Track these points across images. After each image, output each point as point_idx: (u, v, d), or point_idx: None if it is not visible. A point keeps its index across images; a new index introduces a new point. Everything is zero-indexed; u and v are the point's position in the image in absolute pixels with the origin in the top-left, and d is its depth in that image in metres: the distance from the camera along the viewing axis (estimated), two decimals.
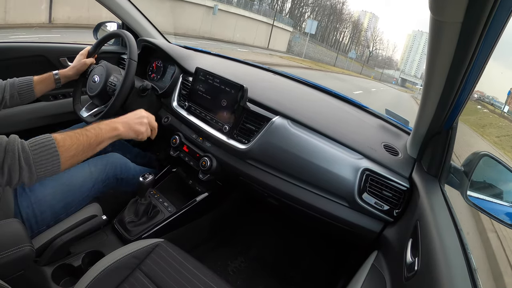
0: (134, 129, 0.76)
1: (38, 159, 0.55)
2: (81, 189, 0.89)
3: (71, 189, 0.86)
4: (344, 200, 0.82)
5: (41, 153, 0.56)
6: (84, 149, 0.63)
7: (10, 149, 0.52)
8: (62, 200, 0.84)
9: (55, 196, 0.82)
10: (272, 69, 1.47)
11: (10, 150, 0.52)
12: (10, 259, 0.58)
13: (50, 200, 0.81)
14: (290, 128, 0.89)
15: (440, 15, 0.45)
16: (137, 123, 0.77)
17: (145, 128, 0.79)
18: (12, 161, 0.52)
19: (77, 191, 0.87)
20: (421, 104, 0.70)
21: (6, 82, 0.88)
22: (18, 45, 1.18)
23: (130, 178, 1.05)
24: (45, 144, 0.57)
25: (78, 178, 0.89)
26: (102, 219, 0.92)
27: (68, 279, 0.83)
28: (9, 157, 0.52)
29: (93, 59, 1.10)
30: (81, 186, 0.89)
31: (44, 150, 0.56)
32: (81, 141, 0.63)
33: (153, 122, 0.83)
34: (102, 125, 0.69)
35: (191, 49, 1.49)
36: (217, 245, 1.30)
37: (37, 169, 0.55)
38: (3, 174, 0.52)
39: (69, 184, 0.86)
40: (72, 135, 0.62)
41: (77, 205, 0.88)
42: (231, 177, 1.08)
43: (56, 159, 0.58)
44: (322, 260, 1.39)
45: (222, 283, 0.71)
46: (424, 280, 0.49)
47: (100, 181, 0.94)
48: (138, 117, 0.78)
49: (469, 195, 0.64)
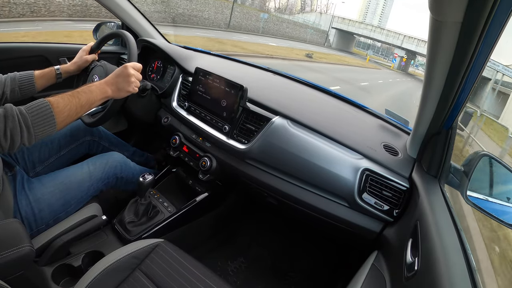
0: (124, 89, 0.82)
1: (36, 120, 0.61)
2: (80, 188, 0.89)
3: (70, 188, 0.87)
4: (344, 200, 0.82)
5: (38, 115, 0.61)
6: (76, 110, 0.69)
7: (9, 114, 0.57)
8: (61, 198, 0.84)
9: (54, 195, 0.83)
10: (272, 69, 1.47)
11: (10, 115, 0.57)
12: (10, 259, 0.58)
13: (49, 199, 0.82)
14: (290, 128, 0.89)
15: (440, 15, 0.45)
16: (126, 83, 0.82)
17: (133, 84, 0.84)
18: (13, 125, 0.57)
19: (76, 190, 0.88)
20: (421, 104, 0.70)
21: (7, 77, 0.88)
22: (18, 45, 1.18)
23: (129, 177, 1.06)
24: (41, 107, 0.62)
25: (77, 176, 0.89)
26: (102, 219, 0.92)
27: (68, 279, 0.83)
28: (10, 121, 0.57)
29: (95, 56, 1.10)
30: (79, 185, 0.89)
31: (40, 112, 0.62)
32: (73, 103, 0.68)
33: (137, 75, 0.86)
34: (92, 87, 0.75)
35: (190, 49, 1.49)
36: (217, 245, 1.30)
37: (35, 130, 0.61)
38: (6, 138, 0.57)
39: (67, 182, 0.87)
40: (65, 97, 0.68)
41: (76, 204, 0.89)
42: (231, 177, 1.08)
43: (52, 120, 0.63)
44: (322, 260, 1.39)
45: (222, 283, 0.71)
46: (424, 280, 0.49)
47: (99, 180, 0.95)
48: (125, 77, 0.82)
49: (469, 195, 0.64)
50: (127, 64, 0.84)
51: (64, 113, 0.66)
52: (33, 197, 0.79)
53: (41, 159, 0.97)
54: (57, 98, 0.66)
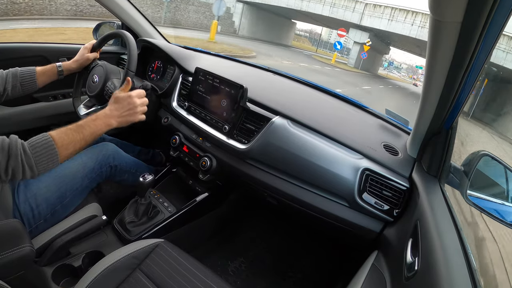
0: (128, 120, 0.80)
1: (39, 159, 0.61)
2: (74, 179, 0.89)
3: (64, 180, 0.87)
4: (344, 200, 0.82)
5: (41, 153, 0.61)
6: (80, 145, 0.69)
7: (13, 153, 0.57)
8: (57, 191, 0.85)
9: (50, 188, 0.84)
10: (272, 69, 1.47)
11: (13, 154, 0.57)
12: (10, 259, 0.58)
13: (45, 193, 0.83)
14: (290, 128, 0.89)
15: (440, 15, 0.45)
16: (129, 115, 0.80)
17: (139, 114, 0.82)
18: (15, 164, 0.58)
19: (70, 182, 0.88)
20: (421, 104, 0.70)
21: (8, 72, 0.88)
22: (18, 45, 1.18)
23: (123, 165, 1.06)
24: (44, 145, 0.62)
25: (71, 168, 0.90)
26: (102, 219, 0.92)
27: (68, 279, 0.83)
28: (13, 161, 0.57)
29: (96, 54, 1.10)
30: (74, 176, 0.89)
31: (44, 149, 0.61)
32: (77, 139, 0.68)
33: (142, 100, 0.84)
34: (97, 121, 0.74)
35: (190, 49, 1.49)
36: (217, 245, 1.30)
37: (38, 168, 0.61)
38: (7, 174, 0.57)
39: (62, 175, 0.87)
40: (68, 133, 0.67)
41: (71, 196, 0.89)
42: (231, 177, 1.08)
43: (55, 157, 0.63)
44: (322, 260, 1.39)
45: (222, 283, 0.71)
46: (424, 280, 0.49)
47: (93, 170, 0.95)
48: (130, 108, 0.80)
49: (469, 195, 0.64)
50: (132, 93, 0.82)
51: (68, 150, 0.66)
52: (30, 193, 0.80)
53: None
54: (62, 134, 0.65)
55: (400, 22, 17.91)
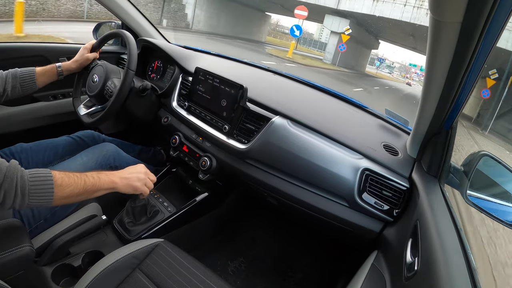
0: (132, 185, 0.79)
1: (33, 191, 0.58)
2: None
3: None
4: (344, 200, 0.82)
5: (38, 186, 0.58)
6: (79, 193, 0.66)
7: (9, 175, 0.55)
8: None
9: None
10: (272, 69, 1.47)
11: (9, 176, 0.55)
12: (10, 259, 0.58)
13: None
14: (290, 128, 0.89)
15: (440, 15, 0.45)
16: (135, 180, 0.80)
17: (143, 183, 0.81)
18: (9, 187, 0.55)
19: None
20: (421, 104, 0.70)
21: (8, 73, 0.88)
22: (18, 45, 1.18)
23: (124, 165, 1.05)
24: (43, 178, 0.60)
25: (71, 169, 0.89)
26: (102, 219, 0.92)
27: (68, 279, 0.83)
28: (7, 183, 0.55)
29: (96, 54, 1.10)
30: None
31: (41, 184, 0.59)
32: (78, 184, 0.65)
33: (151, 176, 0.85)
34: (102, 175, 0.73)
35: (191, 49, 1.49)
36: (217, 245, 1.30)
37: (30, 200, 0.58)
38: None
39: None
40: (70, 175, 0.65)
41: None
42: (231, 177, 1.08)
43: (49, 195, 0.60)
44: (322, 260, 1.39)
45: (222, 283, 0.71)
46: (424, 280, 0.49)
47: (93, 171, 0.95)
48: (136, 174, 0.81)
49: (469, 195, 0.64)
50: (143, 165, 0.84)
51: (65, 192, 0.63)
52: None
53: (44, 162, 0.98)
54: (63, 174, 0.64)
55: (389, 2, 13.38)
